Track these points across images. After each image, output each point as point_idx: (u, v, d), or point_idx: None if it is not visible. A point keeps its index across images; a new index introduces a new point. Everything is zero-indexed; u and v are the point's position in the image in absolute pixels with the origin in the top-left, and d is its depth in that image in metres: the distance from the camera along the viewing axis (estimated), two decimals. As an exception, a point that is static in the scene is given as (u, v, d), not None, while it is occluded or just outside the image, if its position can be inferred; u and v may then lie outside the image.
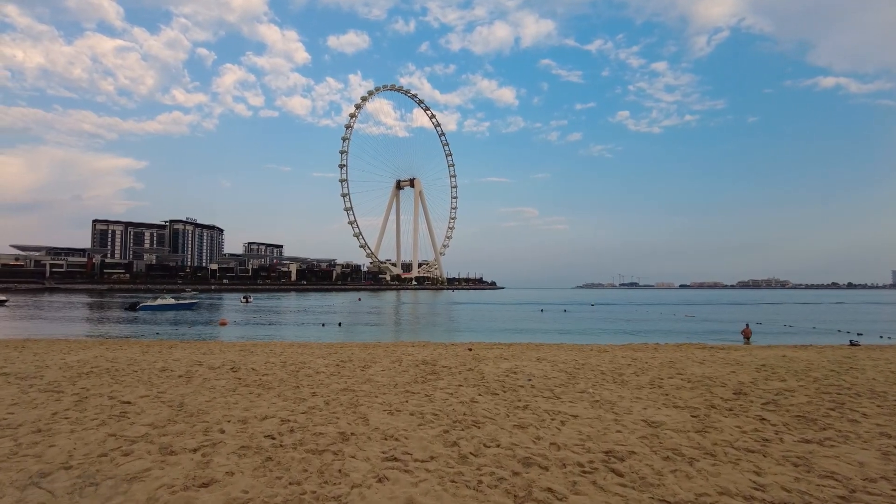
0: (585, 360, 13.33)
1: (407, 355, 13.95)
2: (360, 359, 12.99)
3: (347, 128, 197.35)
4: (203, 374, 10.39)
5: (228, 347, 17.03)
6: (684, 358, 13.96)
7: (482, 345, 19.21)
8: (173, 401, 7.98)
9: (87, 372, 10.40)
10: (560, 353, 14.96)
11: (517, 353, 14.79)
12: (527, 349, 16.64)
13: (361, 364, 12.03)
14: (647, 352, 15.87)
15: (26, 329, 32.30)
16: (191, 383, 9.46)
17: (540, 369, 11.45)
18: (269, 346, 18.45)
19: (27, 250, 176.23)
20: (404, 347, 17.06)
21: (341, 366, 11.68)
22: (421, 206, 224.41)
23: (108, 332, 31.42)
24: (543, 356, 14.06)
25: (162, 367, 11.19)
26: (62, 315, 50.58)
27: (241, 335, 31.26)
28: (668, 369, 11.73)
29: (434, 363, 12.25)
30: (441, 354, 14.32)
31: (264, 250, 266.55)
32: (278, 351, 15.54)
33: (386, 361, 12.46)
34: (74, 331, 32.42)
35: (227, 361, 12.47)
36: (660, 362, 12.94)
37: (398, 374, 10.65)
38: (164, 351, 15.41)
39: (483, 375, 10.54)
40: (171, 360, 12.74)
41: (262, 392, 8.72)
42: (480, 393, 8.81)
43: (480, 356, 13.84)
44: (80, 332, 31.23)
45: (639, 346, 19.06)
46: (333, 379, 10.03)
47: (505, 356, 14.04)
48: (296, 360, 12.90)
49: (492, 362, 12.49)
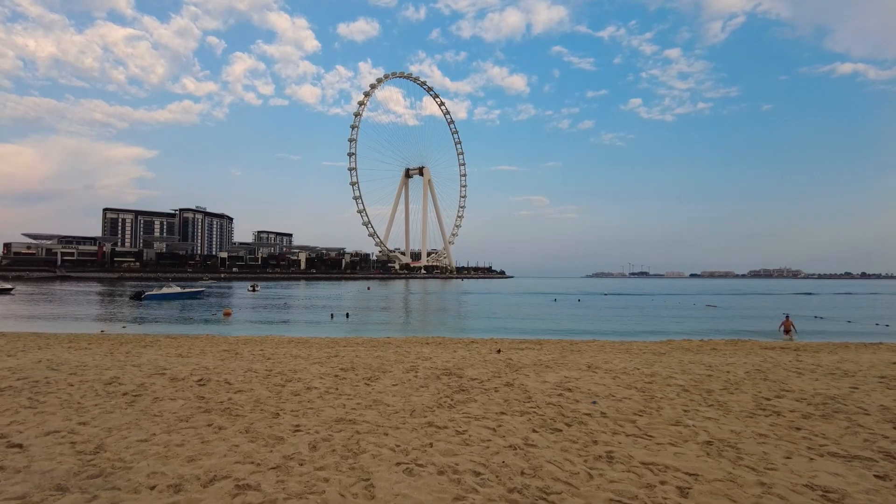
0: (647, 367, 10.64)
1: (423, 360, 11.35)
2: (366, 366, 10.41)
3: (356, 115, 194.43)
4: (157, 392, 7.88)
5: (213, 346, 14.60)
6: (767, 363, 11.19)
7: (509, 343, 16.58)
8: (91, 440, 5.46)
9: (3, 388, 7.94)
10: (609, 357, 12.28)
11: (557, 358, 12.13)
12: (565, 350, 13.97)
13: (367, 374, 9.45)
14: (714, 354, 13.12)
15: (13, 321, 30.38)
16: (134, 406, 6.95)
17: (598, 383, 8.79)
18: (262, 343, 16.01)
19: (39, 239, 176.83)
20: (419, 347, 14.49)
21: (341, 377, 9.11)
22: (430, 195, 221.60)
23: (105, 322, 29.39)
24: (592, 361, 11.38)
25: (110, 379, 8.70)
26: (65, 304, 49.05)
27: (240, 327, 29.08)
28: (763, 382, 9.01)
29: (459, 373, 9.64)
30: (465, 359, 11.70)
31: (274, 239, 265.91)
32: (269, 352, 13.05)
33: (398, 370, 9.87)
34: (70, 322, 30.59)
35: (199, 369, 9.97)
36: (744, 371, 10.21)
37: (415, 391, 8.05)
38: (133, 351, 13.00)
39: (528, 394, 7.90)
40: (131, 366, 10.27)
41: (224, 424, 6.18)
42: (535, 427, 6.18)
43: (514, 362, 11.19)
44: (74, 324, 29.34)
45: (692, 344, 16.28)
46: (328, 400, 7.46)
47: (544, 361, 11.39)
48: (286, 366, 10.37)
49: (532, 372, 9.84)
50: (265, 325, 31.07)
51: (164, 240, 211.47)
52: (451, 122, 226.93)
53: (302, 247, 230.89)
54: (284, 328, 29.48)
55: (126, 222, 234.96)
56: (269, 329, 28.34)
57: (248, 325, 31.38)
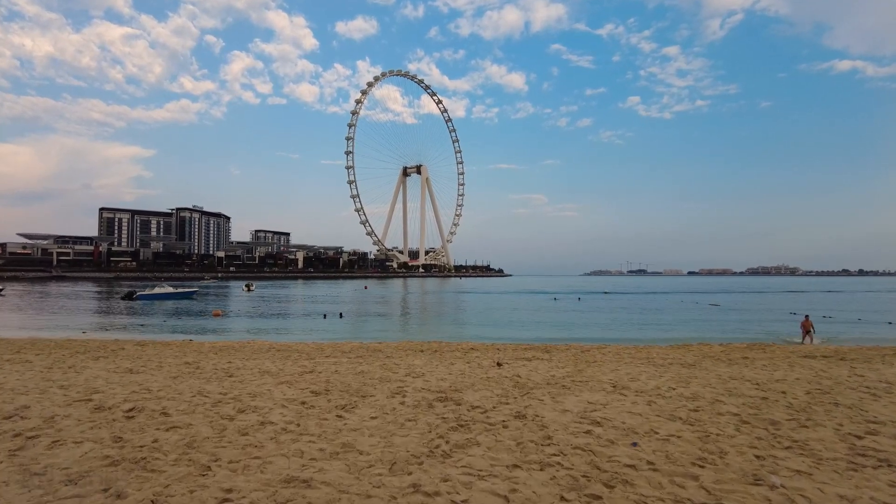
0: (683, 384, 8.84)
1: (414, 377, 9.54)
2: (344, 387, 8.59)
3: (354, 114, 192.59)
4: (64, 430, 6.07)
5: (177, 356, 12.80)
6: (823, 379, 9.41)
7: (512, 350, 14.77)
8: None
9: None
10: (633, 371, 10.48)
11: (572, 372, 10.33)
12: (579, 361, 12.17)
13: (342, 400, 7.63)
14: (752, 366, 11.31)
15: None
16: (15, 459, 5.14)
17: (632, 411, 6.99)
18: (235, 352, 14.22)
19: (35, 238, 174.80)
20: (411, 358, 12.69)
21: (309, 405, 7.29)
22: (428, 193, 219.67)
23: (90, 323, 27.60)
24: (615, 378, 9.57)
25: (13, 412, 6.86)
26: (54, 305, 47.39)
27: (226, 330, 27.36)
28: (835, 409, 7.22)
29: (457, 397, 7.84)
30: (463, 375, 9.88)
31: (271, 238, 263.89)
32: (237, 365, 11.24)
33: (382, 393, 8.04)
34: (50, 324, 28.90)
35: (139, 392, 8.17)
36: (803, 391, 8.42)
37: (399, 428, 6.24)
38: (79, 365, 11.17)
39: (547, 431, 6.11)
40: (58, 387, 8.45)
41: (127, 489, 4.37)
42: (563, 492, 4.38)
43: (523, 380, 9.38)
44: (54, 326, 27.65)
45: (714, 350, 14.44)
46: (284, 443, 5.66)
47: (558, 378, 9.58)
48: (247, 388, 8.56)
49: (547, 394, 8.03)
50: (253, 328, 29.37)
51: (160, 239, 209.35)
52: (449, 121, 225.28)
53: (300, 246, 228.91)
54: (270, 331, 27.74)
55: (123, 222, 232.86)
56: (254, 332, 26.60)
57: (235, 328, 29.73)
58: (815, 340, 20.94)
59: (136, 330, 26.80)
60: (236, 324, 32.22)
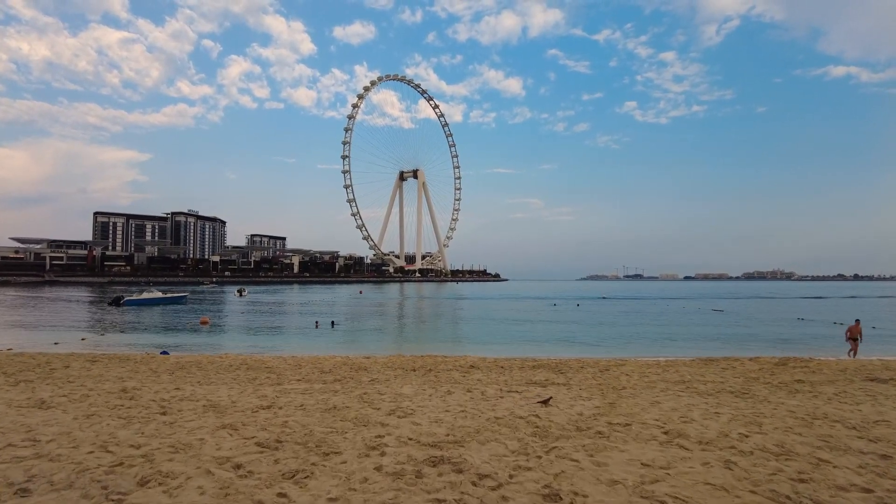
0: (757, 429, 6.65)
1: (400, 416, 7.31)
2: (304, 436, 6.33)
3: (350, 118, 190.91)
4: None
5: (122, 378, 10.60)
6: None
7: (517, 369, 12.56)
8: None
9: None
10: (679, 404, 8.28)
11: (602, 407, 8.11)
12: (606, 389, 9.97)
13: (295, 460, 5.41)
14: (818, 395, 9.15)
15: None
16: None
17: (706, 480, 4.78)
18: (188, 372, 12.03)
19: (27, 243, 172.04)
20: (399, 383, 10.48)
21: (245, 469, 5.06)
22: (424, 198, 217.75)
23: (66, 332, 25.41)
24: (663, 418, 7.37)
25: None
26: (38, 311, 45.24)
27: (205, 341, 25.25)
28: None
29: (457, 456, 5.63)
30: (463, 411, 7.66)
31: (267, 242, 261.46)
32: (184, 394, 9.02)
33: (353, 448, 5.81)
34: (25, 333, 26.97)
35: (24, 442, 5.97)
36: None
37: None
38: (-16, 395, 8.96)
39: (596, 528, 3.95)
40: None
41: None
42: None
43: (543, 422, 7.12)
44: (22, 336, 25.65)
45: (748, 367, 12.25)
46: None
47: (587, 416, 7.37)
48: (173, 436, 6.34)
49: (581, 450, 5.81)
50: (237, 338, 27.25)
51: (155, 244, 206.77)
52: (446, 125, 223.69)
53: (295, 250, 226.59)
54: (254, 341, 25.57)
55: (117, 226, 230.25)
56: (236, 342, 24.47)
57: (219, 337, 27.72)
58: (856, 354, 18.72)
59: (111, 341, 24.61)
60: (221, 333, 30.10)
